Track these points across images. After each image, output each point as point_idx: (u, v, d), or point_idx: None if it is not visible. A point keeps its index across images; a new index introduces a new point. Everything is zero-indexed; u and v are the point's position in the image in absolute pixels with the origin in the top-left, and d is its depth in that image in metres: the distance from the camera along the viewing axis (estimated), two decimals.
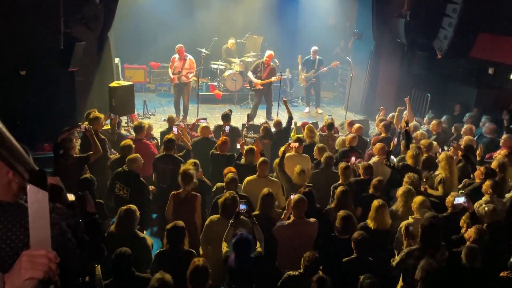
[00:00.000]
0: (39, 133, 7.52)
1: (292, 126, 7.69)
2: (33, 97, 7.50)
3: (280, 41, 12.88)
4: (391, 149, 6.28)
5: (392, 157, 6.34)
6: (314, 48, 11.57)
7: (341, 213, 4.32)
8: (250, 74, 10.44)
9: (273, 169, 5.85)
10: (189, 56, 10.05)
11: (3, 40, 6.91)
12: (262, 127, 7.32)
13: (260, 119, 10.16)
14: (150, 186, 5.73)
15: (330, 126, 7.51)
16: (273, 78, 10.30)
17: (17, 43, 7.05)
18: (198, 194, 4.92)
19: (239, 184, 5.19)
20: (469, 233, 4.03)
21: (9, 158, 1.27)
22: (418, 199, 4.63)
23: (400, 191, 4.90)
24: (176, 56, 9.97)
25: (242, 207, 4.14)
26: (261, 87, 10.21)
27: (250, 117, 8.02)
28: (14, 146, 1.27)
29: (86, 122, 6.21)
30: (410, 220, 4.50)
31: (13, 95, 7.33)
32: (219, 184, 5.45)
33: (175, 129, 6.50)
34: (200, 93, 10.86)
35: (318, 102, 12.04)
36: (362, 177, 5.63)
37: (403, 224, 4.36)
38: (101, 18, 8.48)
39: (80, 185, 4.70)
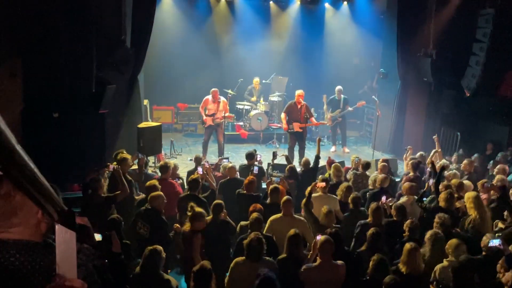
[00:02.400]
0: (69, 173, 7.70)
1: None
2: (64, 138, 7.73)
3: (305, 81, 13.02)
4: (425, 189, 6.12)
5: None
6: (339, 87, 11.63)
7: (376, 257, 4.17)
8: (283, 116, 10.03)
9: (301, 209, 5.77)
10: (222, 98, 10.23)
11: (38, 83, 7.26)
12: (288, 167, 7.29)
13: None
14: (175, 224, 5.70)
15: (367, 165, 7.44)
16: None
17: (52, 87, 7.39)
18: (199, 232, 4.88)
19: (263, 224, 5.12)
20: (507, 277, 3.82)
21: (40, 198, 1.29)
22: (453, 242, 4.43)
23: (428, 234, 4.71)
24: (210, 98, 10.15)
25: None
26: (300, 130, 9.84)
27: (275, 155, 7.98)
28: (45, 186, 1.30)
29: (115, 163, 6.33)
30: (445, 263, 4.30)
31: (45, 136, 7.58)
32: (242, 223, 5.40)
33: (199, 169, 6.53)
34: (225, 132, 10.99)
35: (344, 141, 11.97)
36: (394, 219, 5.46)
37: (437, 267, 4.16)
38: (131, 62, 8.82)
39: (107, 225, 4.73)
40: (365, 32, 12.89)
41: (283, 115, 10.05)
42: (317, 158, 7.48)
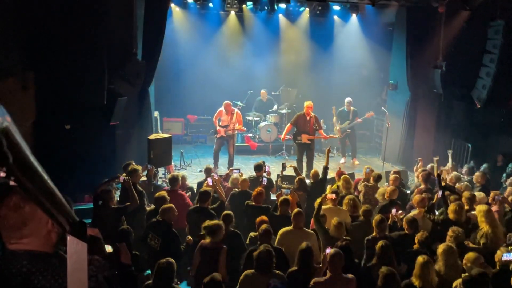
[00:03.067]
0: (80, 184, 7.74)
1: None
2: (75, 149, 7.80)
3: (314, 92, 13.09)
4: (434, 201, 6.05)
5: None
6: (348, 99, 11.64)
7: (384, 270, 4.12)
8: (288, 126, 10.08)
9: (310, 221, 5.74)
10: (236, 110, 10.29)
11: (50, 95, 7.36)
12: (297, 178, 7.28)
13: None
14: (187, 237, 5.69)
15: (379, 178, 7.39)
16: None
17: (63, 99, 7.49)
18: (224, 246, 4.86)
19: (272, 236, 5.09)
20: None
21: (53, 210, 1.31)
22: (471, 256, 4.36)
23: (440, 248, 4.64)
24: (223, 109, 10.20)
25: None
26: (308, 142, 9.76)
27: (284, 167, 7.97)
28: (58, 198, 1.32)
29: (124, 174, 6.37)
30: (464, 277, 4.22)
31: (57, 147, 7.65)
32: (252, 233, 5.37)
33: (209, 180, 6.53)
34: (235, 144, 11.01)
35: (354, 153, 11.91)
36: (406, 231, 5.38)
37: (457, 282, 4.08)
38: (142, 74, 8.92)
39: (117, 236, 4.74)
40: (374, 44, 12.90)
41: (288, 125, 10.09)
42: (326, 169, 7.45)
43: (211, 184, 6.40)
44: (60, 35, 7.22)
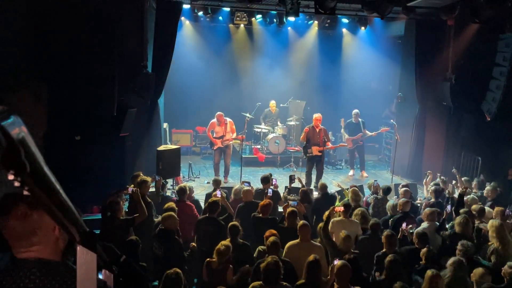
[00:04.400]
0: (89, 195, 7.79)
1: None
2: (85, 160, 7.87)
3: (322, 104, 13.11)
4: (444, 217, 6.00)
5: None
6: (355, 111, 11.60)
7: (397, 286, 4.09)
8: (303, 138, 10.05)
9: (317, 233, 5.71)
10: (228, 119, 10.38)
11: (61, 106, 7.46)
12: (300, 190, 7.27)
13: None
14: (191, 244, 5.68)
15: (388, 190, 7.36)
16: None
17: (74, 110, 7.59)
18: (230, 266, 4.84)
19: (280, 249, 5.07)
20: None
21: (64, 220, 1.33)
22: (478, 271, 4.32)
23: (450, 261, 4.57)
24: (215, 121, 10.30)
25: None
26: (319, 154, 9.77)
27: (293, 179, 7.96)
28: (70, 209, 1.34)
29: (132, 185, 6.41)
30: None
31: (67, 158, 7.72)
32: (260, 247, 5.35)
33: (218, 192, 6.55)
34: (243, 155, 11.04)
35: (363, 165, 11.84)
36: (416, 246, 5.31)
37: None
38: (152, 87, 9.02)
39: (125, 247, 4.76)
40: (382, 56, 12.93)
41: (305, 131, 9.97)
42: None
43: (219, 196, 6.40)
44: (71, 47, 7.33)
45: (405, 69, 11.74)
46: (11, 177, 0.88)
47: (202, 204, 7.32)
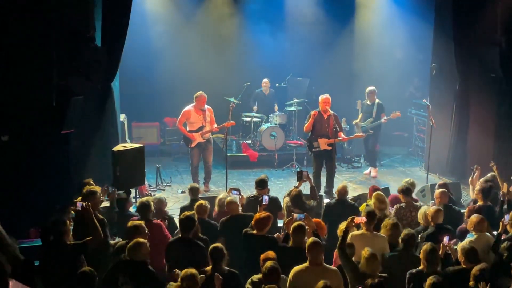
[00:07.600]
0: (23, 215, 7.71)
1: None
2: (16, 168, 7.78)
3: (332, 83, 13.03)
4: (499, 231, 6.03)
5: None
6: (370, 88, 11.47)
7: None
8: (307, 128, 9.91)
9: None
10: (207, 106, 10.33)
11: None
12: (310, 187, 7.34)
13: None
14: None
15: (407, 191, 7.33)
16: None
17: None
18: None
19: (283, 276, 5.06)
20: None
21: None
22: None
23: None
24: (191, 108, 10.19)
25: None
26: (329, 148, 9.60)
27: (302, 176, 7.81)
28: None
29: (79, 198, 6.35)
30: None
31: None
32: (254, 277, 5.33)
33: (234, 193, 6.68)
34: (229, 154, 10.99)
35: (374, 161, 11.82)
36: (463, 266, 5.35)
37: None
38: (103, 65, 8.91)
39: (77, 282, 4.72)
40: (409, 17, 12.94)
41: (309, 120, 9.78)
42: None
43: (236, 197, 6.71)
44: None
45: (440, 32, 11.73)
46: None
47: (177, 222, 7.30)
